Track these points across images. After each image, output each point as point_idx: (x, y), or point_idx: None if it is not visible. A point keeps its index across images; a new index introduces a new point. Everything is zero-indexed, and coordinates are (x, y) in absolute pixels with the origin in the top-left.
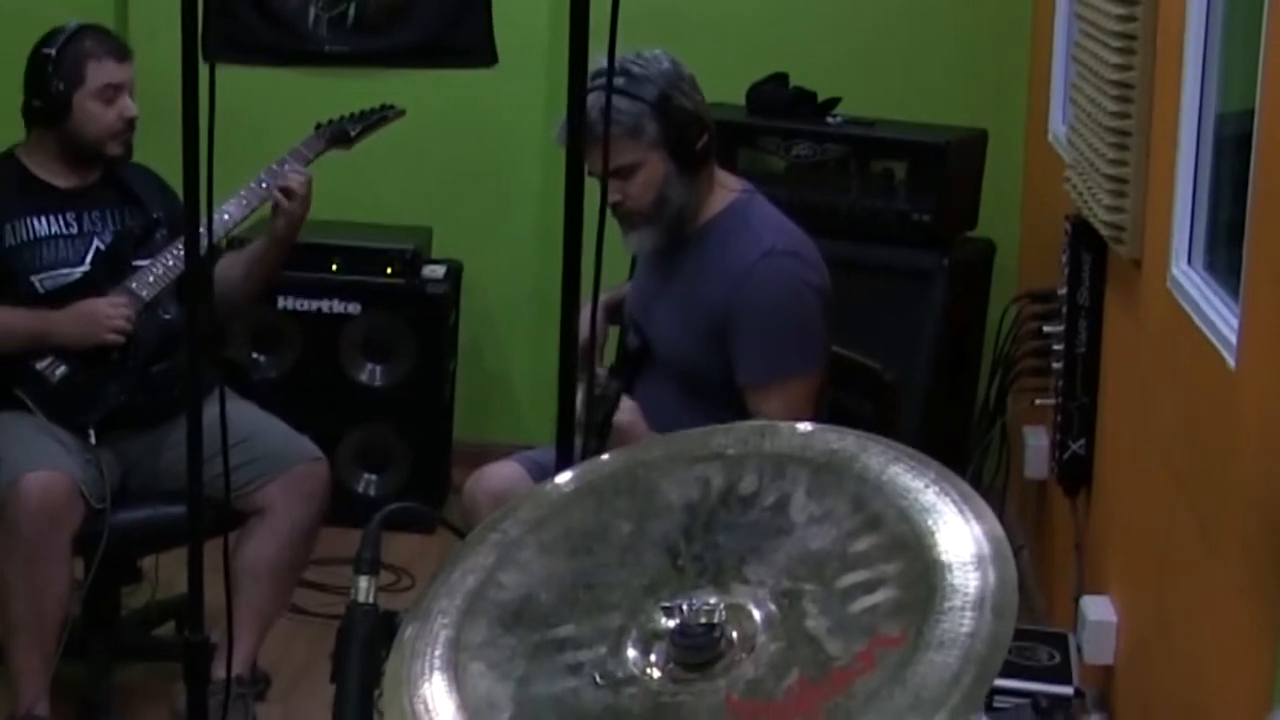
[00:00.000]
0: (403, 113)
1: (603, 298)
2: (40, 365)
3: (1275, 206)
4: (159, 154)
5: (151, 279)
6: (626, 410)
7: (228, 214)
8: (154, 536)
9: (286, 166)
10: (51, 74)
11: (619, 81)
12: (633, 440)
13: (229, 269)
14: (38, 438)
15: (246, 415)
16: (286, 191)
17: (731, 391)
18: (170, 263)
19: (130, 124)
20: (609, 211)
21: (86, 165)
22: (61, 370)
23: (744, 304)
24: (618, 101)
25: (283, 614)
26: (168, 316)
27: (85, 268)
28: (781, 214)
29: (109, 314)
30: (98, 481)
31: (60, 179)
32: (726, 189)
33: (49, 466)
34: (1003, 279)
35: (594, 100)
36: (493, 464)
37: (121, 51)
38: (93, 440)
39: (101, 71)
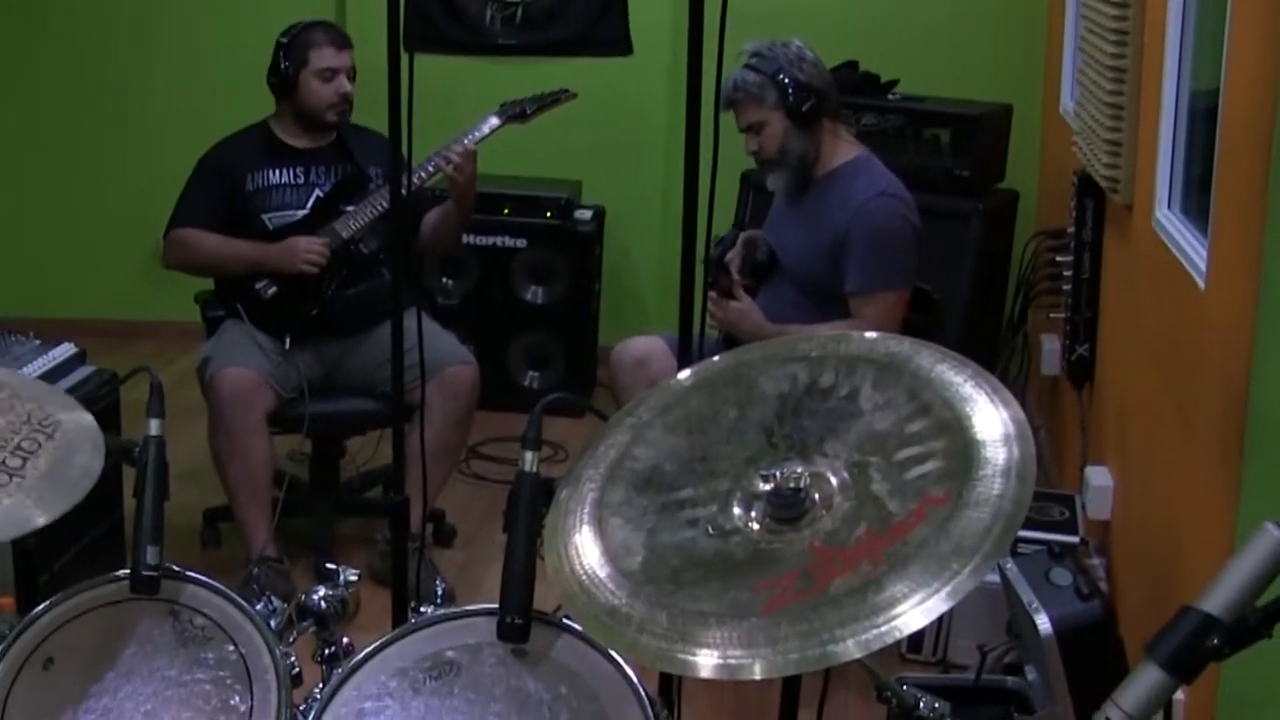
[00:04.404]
0: (574, 96)
1: (745, 234)
2: (258, 285)
3: (1236, 164)
4: (373, 124)
5: (353, 222)
6: (746, 301)
7: (421, 172)
8: (347, 422)
9: (468, 139)
10: (283, 57)
11: (754, 60)
12: (746, 323)
13: (429, 222)
14: (241, 341)
15: (414, 325)
16: (453, 164)
17: (836, 297)
18: (369, 210)
19: (344, 98)
20: (755, 158)
21: (318, 130)
22: (272, 290)
23: (858, 228)
24: (749, 74)
25: (443, 488)
26: (367, 251)
27: (305, 211)
28: (891, 172)
29: (306, 249)
30: (289, 376)
31: (297, 140)
32: (852, 147)
33: (240, 364)
34: (1025, 220)
35: (737, 74)
36: (637, 337)
37: (340, 42)
38: (286, 346)
39: (321, 57)
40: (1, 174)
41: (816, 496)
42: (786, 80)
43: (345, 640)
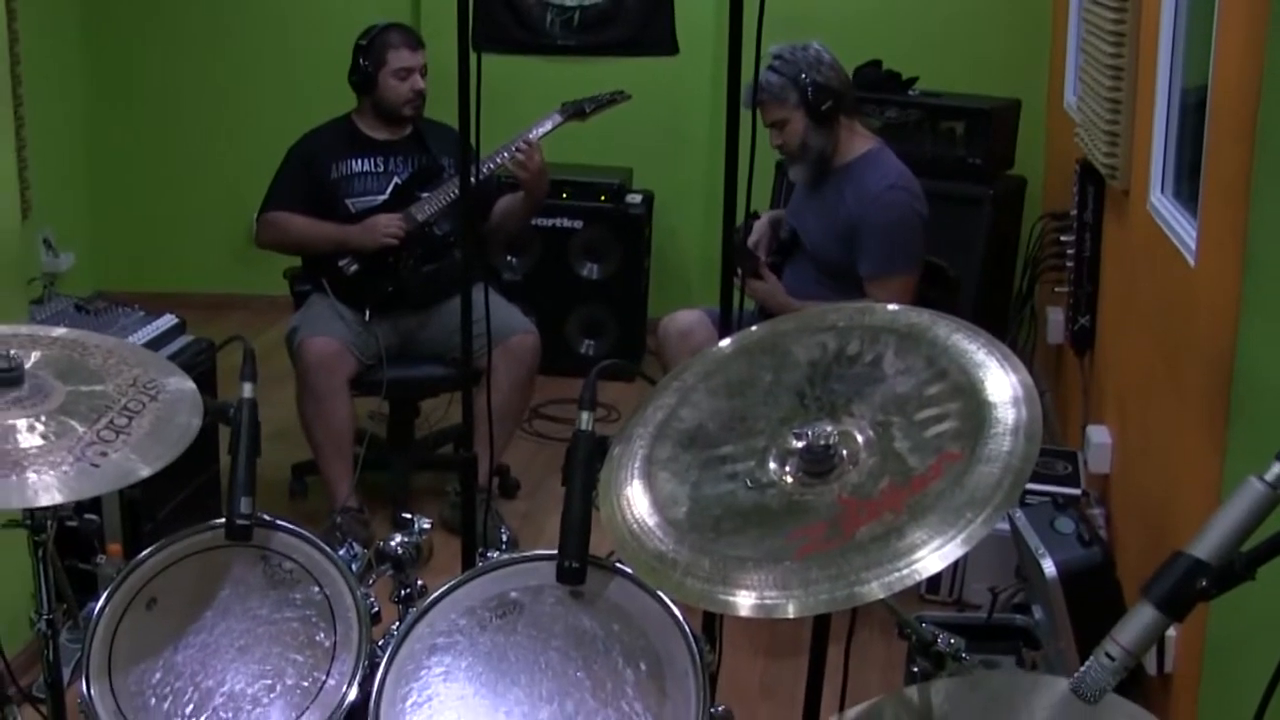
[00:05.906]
0: (629, 97)
1: (769, 215)
2: (341, 262)
3: (1223, 152)
4: (445, 118)
5: (427, 206)
6: (771, 280)
7: (490, 164)
8: (421, 386)
9: (533, 134)
10: (362, 58)
11: (777, 63)
12: (772, 300)
13: (500, 207)
14: (326, 314)
15: (482, 298)
16: (520, 163)
17: (852, 276)
18: (442, 196)
19: (419, 94)
20: (779, 151)
21: (396, 123)
22: (354, 268)
23: (871, 219)
24: (773, 76)
25: (507, 445)
26: (440, 233)
27: (385, 196)
28: (902, 163)
29: (385, 227)
30: (369, 345)
31: (377, 133)
32: (866, 140)
33: (325, 333)
34: (1032, 204)
35: (761, 76)
36: (682, 310)
37: (414, 43)
38: (366, 317)
39: (398, 57)
40: (113, 164)
41: (844, 453)
42: (807, 81)
43: (419, 582)
